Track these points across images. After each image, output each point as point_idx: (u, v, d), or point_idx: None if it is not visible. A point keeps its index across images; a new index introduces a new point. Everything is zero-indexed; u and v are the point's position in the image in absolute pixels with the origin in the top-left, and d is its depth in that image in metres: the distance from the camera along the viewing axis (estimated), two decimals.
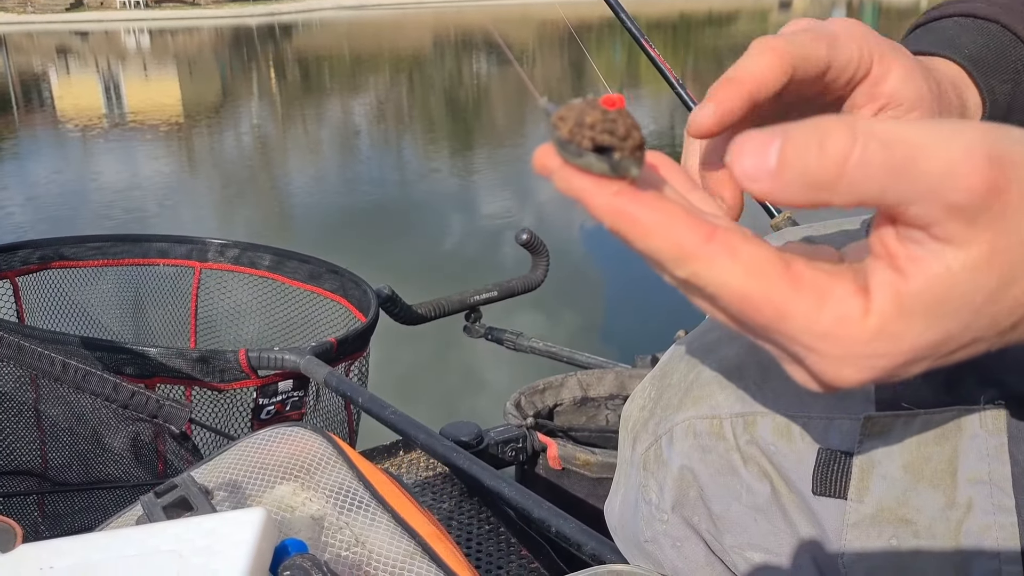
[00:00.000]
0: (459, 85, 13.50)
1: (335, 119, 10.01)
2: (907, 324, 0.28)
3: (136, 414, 0.90)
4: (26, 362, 0.86)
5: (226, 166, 7.42)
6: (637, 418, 0.54)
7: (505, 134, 8.87)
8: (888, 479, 0.43)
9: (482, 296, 1.80)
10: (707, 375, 0.50)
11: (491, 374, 2.70)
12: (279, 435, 0.70)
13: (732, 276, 0.28)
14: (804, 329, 0.28)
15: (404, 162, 7.38)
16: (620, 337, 2.99)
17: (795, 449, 0.46)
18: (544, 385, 1.38)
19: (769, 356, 0.48)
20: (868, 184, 0.26)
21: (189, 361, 1.08)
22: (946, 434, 0.42)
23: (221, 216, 5.57)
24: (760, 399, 0.47)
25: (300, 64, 17.55)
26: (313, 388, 1.17)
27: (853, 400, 0.45)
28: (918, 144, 0.25)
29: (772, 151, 0.26)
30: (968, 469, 0.41)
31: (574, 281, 3.55)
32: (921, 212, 0.26)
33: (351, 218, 5.20)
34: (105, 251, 1.56)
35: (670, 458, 0.50)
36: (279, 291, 1.56)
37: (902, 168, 0.25)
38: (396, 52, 19.04)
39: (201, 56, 20.04)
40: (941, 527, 0.42)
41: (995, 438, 0.41)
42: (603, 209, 0.30)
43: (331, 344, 1.15)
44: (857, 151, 0.25)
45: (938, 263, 0.27)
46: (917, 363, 0.29)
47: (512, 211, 5.37)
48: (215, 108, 11.35)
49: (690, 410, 0.50)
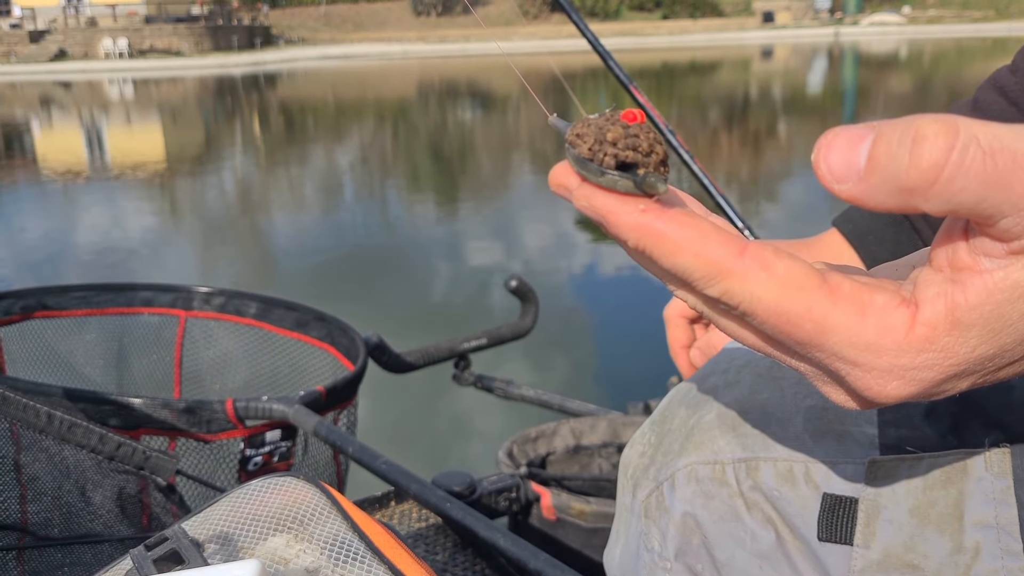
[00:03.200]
0: (443, 132, 13.64)
1: (319, 167, 10.07)
2: (960, 336, 0.27)
3: (122, 466, 0.88)
4: (10, 413, 0.84)
5: (209, 214, 7.42)
6: (637, 464, 0.54)
7: (490, 181, 8.94)
8: (894, 524, 0.42)
9: (471, 344, 1.79)
10: (708, 420, 0.50)
11: (481, 422, 2.67)
12: (271, 485, 0.68)
13: (767, 290, 0.27)
14: (846, 342, 0.27)
15: (388, 209, 7.42)
16: (611, 384, 2.97)
17: (799, 495, 0.45)
18: (536, 433, 1.37)
19: (771, 400, 0.48)
20: (964, 193, 0.25)
21: (175, 412, 1.06)
22: (951, 477, 0.42)
23: (204, 264, 5.56)
24: (762, 444, 0.47)
25: (284, 113, 17.69)
26: (301, 438, 1.15)
27: (857, 444, 0.44)
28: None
29: (863, 150, 0.25)
30: (975, 513, 0.41)
31: (563, 327, 3.54)
32: (1012, 225, 0.25)
33: (335, 266, 5.20)
34: (89, 300, 1.54)
35: (672, 505, 0.50)
36: (265, 339, 1.54)
37: (1004, 179, 0.24)
38: (381, 101, 19.23)
39: (185, 105, 20.16)
40: (949, 572, 0.41)
41: (1001, 481, 0.41)
42: (629, 227, 0.29)
43: (320, 393, 1.13)
44: (955, 156, 0.24)
45: (1007, 276, 0.26)
46: (965, 377, 0.28)
47: (499, 257, 5.39)
48: (198, 156, 11.39)
49: (692, 455, 0.49)
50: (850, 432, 0.45)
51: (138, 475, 0.90)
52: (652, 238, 0.28)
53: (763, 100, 16.74)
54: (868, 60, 26.45)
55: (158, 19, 37.46)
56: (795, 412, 0.47)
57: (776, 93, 18.11)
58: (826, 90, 18.44)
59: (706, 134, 11.28)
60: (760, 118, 13.84)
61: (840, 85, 19.68)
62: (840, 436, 0.45)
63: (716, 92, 18.13)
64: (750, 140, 10.68)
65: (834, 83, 20.31)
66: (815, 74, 22.69)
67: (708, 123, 12.58)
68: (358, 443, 1.01)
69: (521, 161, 10.30)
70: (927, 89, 17.89)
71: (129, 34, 35.27)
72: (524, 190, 8.09)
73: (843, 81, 20.73)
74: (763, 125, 12.77)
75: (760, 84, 20.63)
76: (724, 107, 15.05)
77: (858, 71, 23.25)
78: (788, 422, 0.47)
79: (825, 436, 0.45)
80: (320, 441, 1.11)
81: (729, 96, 17.25)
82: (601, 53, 1.67)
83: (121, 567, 0.62)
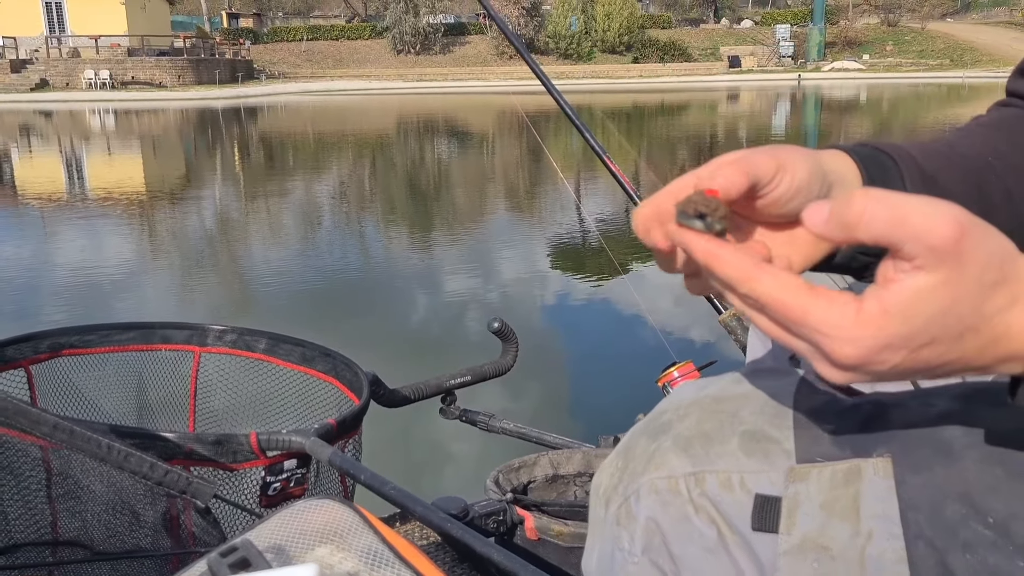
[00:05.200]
0: (421, 167, 13.80)
1: (299, 199, 10.15)
2: (887, 320, 0.42)
3: (167, 490, 1.02)
4: (76, 445, 0.98)
5: (188, 244, 7.46)
6: (608, 484, 0.66)
7: (467, 215, 9.10)
8: (809, 515, 0.55)
9: (456, 380, 1.93)
10: (665, 446, 0.63)
11: (465, 452, 2.82)
12: (312, 506, 0.83)
13: (773, 289, 0.45)
14: (820, 320, 0.43)
15: (367, 241, 7.51)
16: (585, 419, 3.14)
17: (736, 498, 0.58)
18: (519, 464, 1.52)
19: (713, 428, 0.64)
20: (877, 229, 0.42)
21: (206, 444, 1.20)
22: (850, 479, 0.55)
23: (182, 295, 5.61)
24: (707, 461, 0.60)
25: (264, 145, 17.79)
26: (314, 465, 1.30)
27: (779, 457, 0.58)
28: (912, 207, 0.42)
29: (825, 209, 0.45)
30: (868, 506, 0.54)
31: (541, 363, 3.70)
32: (909, 249, 0.41)
33: (316, 299, 5.29)
34: (111, 338, 1.66)
35: (638, 512, 0.62)
36: (274, 373, 1.64)
37: (900, 221, 0.42)
38: (360, 135, 19.39)
39: (166, 136, 20.20)
40: (851, 552, 0.54)
41: (885, 482, 0.54)
42: (700, 251, 0.48)
43: (331, 426, 1.28)
44: (869, 209, 0.42)
45: (913, 282, 0.42)
46: (895, 349, 0.43)
47: (475, 289, 5.53)
48: (179, 187, 11.43)
49: (652, 473, 0.62)
50: (774, 448, 0.59)
51: (180, 498, 1.05)
52: (711, 257, 0.47)
53: (730, 140, 17.11)
54: (830, 104, 27.08)
55: (141, 52, 37.35)
56: (732, 435, 0.61)
57: (742, 134, 18.52)
58: (790, 132, 18.89)
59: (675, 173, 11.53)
60: None
61: (803, 127, 20.17)
62: (767, 452, 0.59)
63: (685, 132, 18.51)
64: None
65: (797, 125, 20.81)
66: (779, 116, 23.24)
67: (677, 161, 12.86)
68: (369, 471, 1.16)
69: (496, 195, 10.48)
70: (885, 132, 18.42)
71: (111, 66, 35.12)
72: (499, 223, 8.26)
73: (806, 124, 21.23)
74: None
75: (727, 125, 21.08)
76: (693, 146, 15.38)
77: (820, 114, 23.82)
78: (727, 443, 0.60)
79: (755, 452, 0.59)
80: (328, 467, 1.25)
81: (698, 135, 17.62)
82: (557, 99, 1.86)
83: (196, 569, 0.77)
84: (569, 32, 46.11)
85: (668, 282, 4.61)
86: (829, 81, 39.20)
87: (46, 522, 1.30)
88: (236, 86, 36.44)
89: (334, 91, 36.69)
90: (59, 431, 0.96)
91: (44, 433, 0.96)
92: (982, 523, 0.51)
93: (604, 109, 24.74)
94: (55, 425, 0.96)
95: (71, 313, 4.86)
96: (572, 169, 10.60)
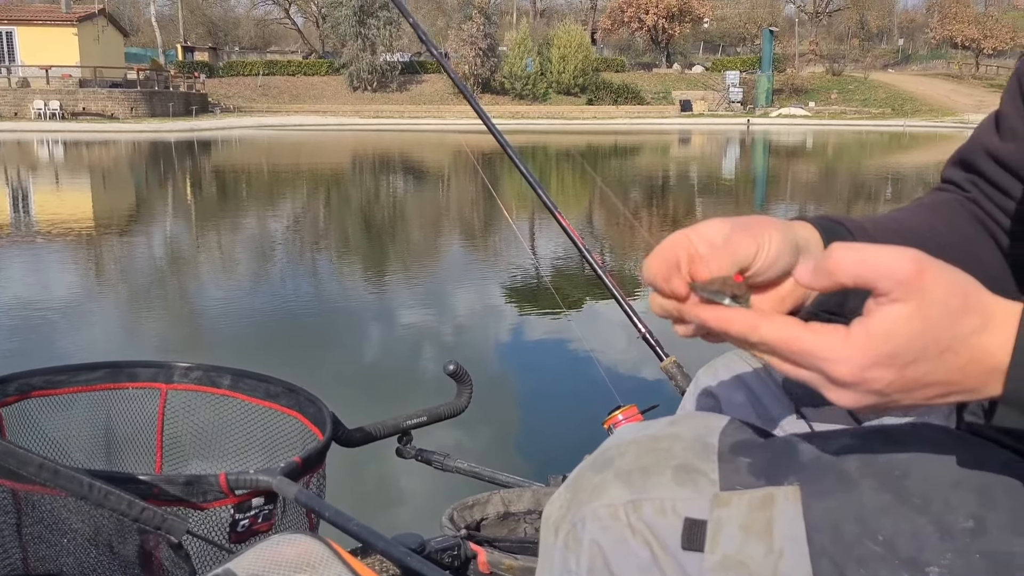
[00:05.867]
0: (375, 204, 13.86)
1: (253, 234, 10.13)
2: (871, 341, 0.51)
3: (143, 526, 1.10)
4: (60, 484, 1.05)
5: (136, 278, 7.36)
6: (557, 514, 0.73)
7: (420, 255, 9.18)
8: (730, 536, 0.63)
9: (413, 421, 2.02)
10: (608, 478, 0.70)
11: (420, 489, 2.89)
12: (286, 540, 0.92)
13: (775, 331, 0.56)
14: (815, 346, 0.53)
15: (321, 281, 7.52)
16: (536, 459, 3.24)
17: (668, 523, 0.66)
18: (473, 502, 1.62)
19: (650, 462, 0.74)
20: (853, 271, 0.53)
21: (177, 485, 1.26)
22: (765, 504, 0.63)
23: (130, 330, 5.58)
24: (644, 491, 0.67)
25: (218, 179, 17.69)
26: (281, 500, 1.37)
27: (706, 486, 0.66)
28: (878, 252, 0.52)
29: (811, 264, 0.55)
30: (780, 528, 0.62)
31: (494, 405, 3.79)
32: (882, 286, 0.51)
33: (271, 338, 5.30)
34: (79, 378, 1.70)
35: (583, 537, 0.69)
36: (239, 408, 1.69)
37: (870, 264, 0.52)
38: (315, 170, 19.39)
39: (117, 168, 19.98)
40: (765, 568, 0.61)
41: (794, 507, 0.63)
42: (714, 319, 0.60)
43: (297, 464, 1.36)
44: (845, 257, 0.53)
45: (890, 310, 0.52)
46: (884, 367, 0.52)
47: (428, 325, 5.60)
48: (128, 220, 11.31)
49: (596, 502, 0.69)
50: (702, 479, 0.67)
51: (155, 534, 1.12)
52: (724, 323, 0.58)
53: (681, 182, 17.52)
54: (778, 149, 27.86)
55: (93, 83, 36.86)
56: (666, 468, 0.68)
57: (694, 176, 18.96)
58: (739, 175, 19.40)
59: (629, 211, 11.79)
60: (679, 199, 14.49)
61: (752, 171, 20.73)
62: (695, 482, 0.67)
63: (638, 173, 18.89)
64: (669, 219, 11.21)
65: (746, 169, 21.38)
66: (729, 160, 23.87)
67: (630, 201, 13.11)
68: (333, 508, 1.24)
69: (449, 235, 10.58)
70: (831, 176, 19.03)
71: (62, 96, 34.62)
72: (452, 264, 8.35)
73: (755, 167, 21.82)
74: (681, 205, 13.39)
75: (679, 167, 21.58)
76: (646, 188, 15.70)
77: (769, 159, 24.50)
78: (662, 475, 0.68)
79: (685, 483, 0.67)
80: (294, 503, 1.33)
81: (649, 177, 17.99)
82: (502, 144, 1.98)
83: None
84: (525, 73, 46.82)
85: (614, 328, 4.75)
86: (777, 126, 40.31)
87: (17, 559, 1.36)
88: (190, 119, 36.18)
89: (290, 126, 36.64)
90: (44, 471, 1.03)
91: (31, 473, 1.03)
92: (873, 541, 0.60)
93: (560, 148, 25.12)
94: (41, 465, 1.03)
95: (18, 352, 4.81)
96: (525, 208, 10.77)
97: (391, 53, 47.99)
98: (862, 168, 21.00)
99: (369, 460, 2.70)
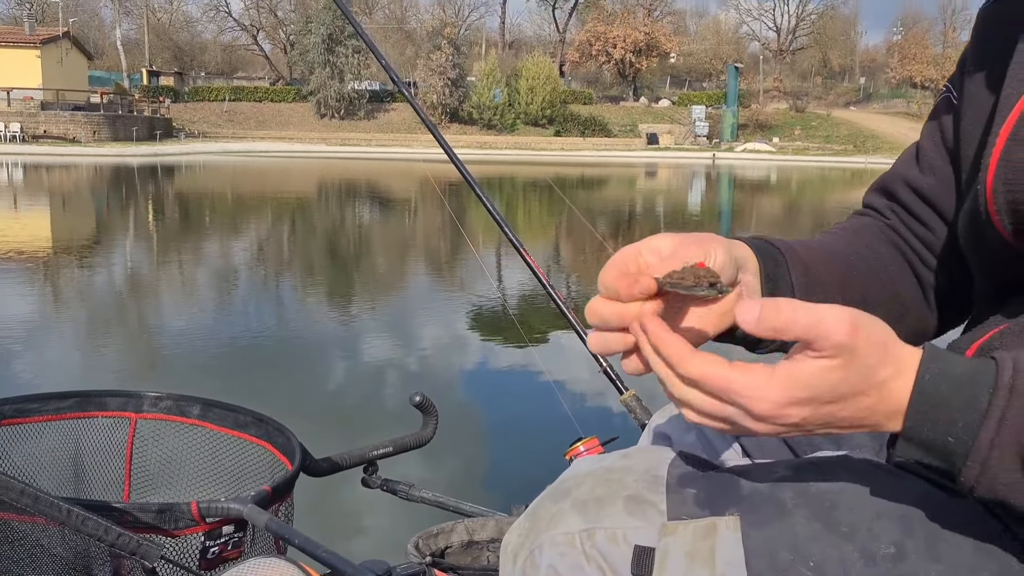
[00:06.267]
0: (341, 232, 13.85)
1: (218, 262, 10.07)
2: (793, 384, 0.57)
3: (119, 551, 1.13)
4: (40, 510, 1.08)
5: (99, 307, 7.27)
6: (516, 542, 0.77)
7: (386, 280, 9.19)
8: (676, 562, 0.67)
9: (379, 451, 2.05)
10: (565, 507, 0.74)
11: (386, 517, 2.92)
12: (263, 564, 0.96)
13: (703, 366, 0.59)
14: (741, 385, 0.58)
15: (289, 309, 7.50)
16: (500, 488, 3.29)
17: (620, 550, 0.70)
18: (437, 530, 1.66)
19: (604, 493, 0.80)
20: (797, 332, 0.57)
21: (150, 513, 1.30)
22: (708, 533, 0.68)
23: (87, 357, 5.51)
24: (598, 520, 0.72)
25: (181, 204, 17.57)
26: (251, 528, 1.41)
27: (655, 516, 0.71)
28: (819, 313, 0.57)
29: (756, 311, 0.59)
30: (721, 554, 0.67)
31: (459, 436, 3.83)
32: (818, 344, 0.57)
33: (238, 365, 5.29)
34: (49, 407, 1.71)
35: (541, 563, 0.73)
36: (209, 437, 1.71)
37: (813, 324, 0.57)
38: (281, 198, 19.32)
39: (78, 192, 19.75)
40: None
41: (734, 535, 0.67)
42: (653, 335, 0.62)
43: (267, 492, 1.40)
44: (793, 319, 0.57)
45: (817, 363, 0.57)
46: (800, 405, 0.58)
47: (391, 355, 5.61)
48: (89, 246, 11.17)
49: (553, 530, 0.73)
50: (651, 509, 0.72)
51: (130, 559, 1.15)
52: (659, 342, 0.62)
53: (648, 215, 17.74)
54: (743, 183, 28.33)
55: (55, 106, 36.47)
56: (618, 499, 0.73)
57: (660, 209, 19.22)
58: (705, 208, 19.69)
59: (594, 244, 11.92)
60: (645, 231, 14.62)
61: (718, 205, 21.07)
62: (645, 512, 0.72)
63: (605, 205, 19.10)
64: None
65: (712, 202, 21.72)
66: (695, 193, 24.24)
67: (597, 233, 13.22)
68: (302, 535, 1.28)
69: (415, 265, 10.61)
70: (794, 211, 19.42)
71: (23, 119, 34.20)
72: (419, 295, 8.38)
73: (720, 201, 22.16)
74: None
75: (645, 200, 21.86)
76: (612, 220, 15.87)
77: (734, 192, 24.91)
78: (614, 505, 0.73)
79: (636, 512, 0.72)
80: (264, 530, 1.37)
81: (616, 210, 18.20)
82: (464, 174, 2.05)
83: None
84: (493, 103, 47.26)
85: (578, 360, 4.81)
86: (742, 161, 41.04)
87: None
88: (154, 144, 35.93)
89: (255, 152, 36.52)
90: (26, 496, 1.06)
91: (12, 498, 1.06)
92: (805, 566, 0.65)
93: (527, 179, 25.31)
94: (22, 491, 1.07)
95: None
96: (492, 239, 10.84)
97: (360, 81, 48.16)
98: (825, 203, 21.46)
99: (335, 490, 2.72)
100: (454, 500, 2.02)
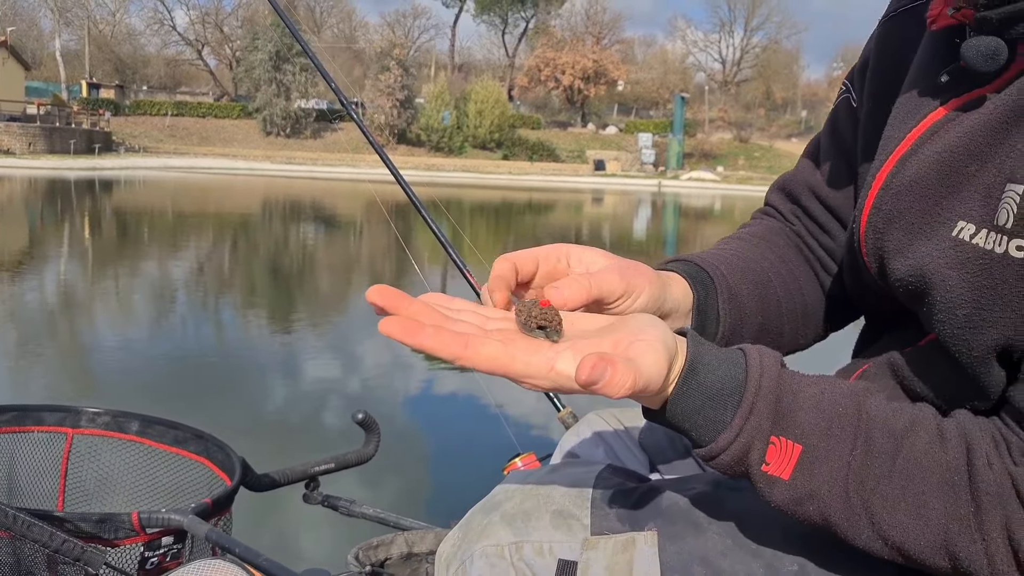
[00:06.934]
0: (284, 251, 13.72)
1: (158, 279, 9.90)
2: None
3: (63, 557, 1.14)
4: None
5: (31, 321, 7.07)
6: (449, 552, 0.79)
7: (330, 300, 9.14)
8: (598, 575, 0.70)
9: (321, 467, 2.07)
10: (495, 520, 0.76)
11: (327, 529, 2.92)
12: (208, 566, 0.99)
13: (496, 350, 0.59)
14: (525, 362, 0.59)
15: (233, 327, 7.42)
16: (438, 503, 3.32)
17: (545, 563, 0.72)
18: (378, 542, 1.69)
19: (531, 507, 0.84)
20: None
21: (90, 522, 1.31)
22: (627, 547, 0.71)
23: (23, 374, 5.38)
24: (525, 533, 0.74)
25: (119, 220, 17.22)
26: (189, 539, 1.42)
27: (578, 530, 0.73)
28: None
29: (607, 367, 0.56)
30: (639, 568, 0.69)
31: (401, 452, 3.85)
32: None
33: (173, 381, 5.21)
34: None
35: (471, 573, 0.75)
36: (147, 453, 1.71)
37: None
38: (222, 215, 19.06)
39: (11, 206, 19.20)
40: None
41: (651, 549, 0.70)
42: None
43: (208, 504, 1.42)
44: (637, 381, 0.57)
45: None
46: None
47: (342, 377, 5.60)
48: (19, 259, 10.90)
49: (483, 542, 0.75)
50: (575, 523, 0.74)
51: (74, 565, 1.16)
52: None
53: (594, 240, 17.91)
54: (688, 211, 28.83)
55: None
56: (545, 513, 0.75)
57: (606, 235, 19.45)
58: (650, 235, 19.99)
59: None
60: None
61: (663, 232, 21.40)
62: (570, 526, 0.74)
63: (552, 230, 19.27)
64: None
65: (658, 230, 22.05)
66: (641, 220, 24.59)
67: None
68: (242, 544, 1.30)
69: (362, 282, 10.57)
70: None
71: None
72: (363, 312, 8.35)
73: (665, 229, 22.51)
74: None
75: (592, 226, 22.09)
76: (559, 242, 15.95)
77: (679, 220, 25.34)
78: (541, 519, 0.75)
79: (561, 526, 0.74)
80: (203, 541, 1.39)
81: (563, 235, 18.37)
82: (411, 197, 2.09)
83: None
84: (442, 126, 47.41)
85: None
86: (687, 189, 41.74)
87: None
88: (92, 157, 35.17)
89: (197, 168, 35.95)
90: None
91: None
92: None
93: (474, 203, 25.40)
94: None
95: None
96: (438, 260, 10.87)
97: (307, 100, 47.88)
98: None
99: (276, 506, 2.72)
100: (395, 516, 2.05)
